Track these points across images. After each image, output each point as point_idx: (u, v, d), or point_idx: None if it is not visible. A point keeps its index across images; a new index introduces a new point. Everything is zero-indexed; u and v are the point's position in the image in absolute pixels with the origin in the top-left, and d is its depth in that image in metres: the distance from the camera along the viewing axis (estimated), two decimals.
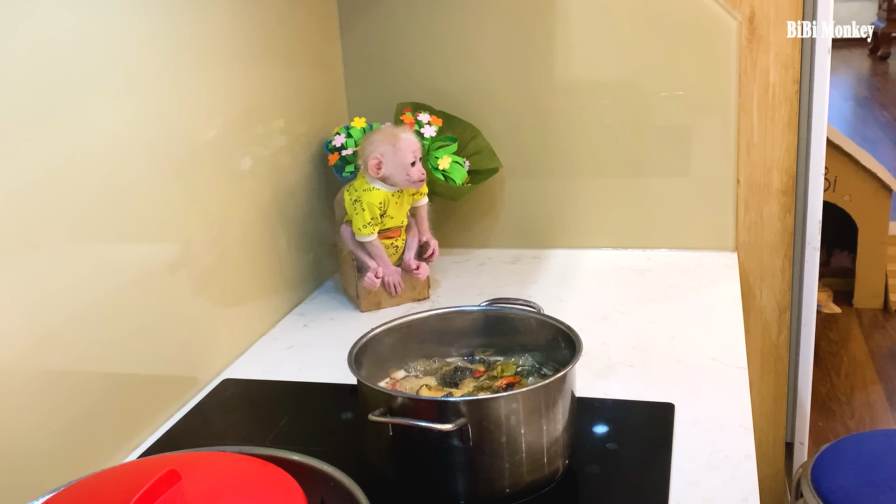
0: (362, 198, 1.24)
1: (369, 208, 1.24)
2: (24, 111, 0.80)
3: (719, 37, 1.35)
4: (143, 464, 0.68)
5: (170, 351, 1.03)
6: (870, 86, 6.70)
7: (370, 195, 1.24)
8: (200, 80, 1.08)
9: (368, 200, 1.24)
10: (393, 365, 0.93)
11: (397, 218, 1.28)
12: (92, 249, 0.90)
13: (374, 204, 1.24)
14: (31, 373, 0.81)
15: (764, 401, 1.53)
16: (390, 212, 1.26)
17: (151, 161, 0.99)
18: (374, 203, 1.24)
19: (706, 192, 1.43)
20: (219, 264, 1.13)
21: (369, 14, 1.48)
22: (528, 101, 1.46)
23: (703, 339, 1.13)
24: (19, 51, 0.79)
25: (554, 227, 1.52)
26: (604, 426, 0.94)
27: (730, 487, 0.81)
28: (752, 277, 1.47)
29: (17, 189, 0.79)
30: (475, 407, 0.75)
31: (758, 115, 1.39)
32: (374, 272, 1.27)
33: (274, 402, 1.07)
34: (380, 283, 1.28)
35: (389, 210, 1.26)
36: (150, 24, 0.98)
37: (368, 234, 1.25)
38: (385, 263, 1.28)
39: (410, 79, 1.48)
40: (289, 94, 1.32)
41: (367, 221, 1.24)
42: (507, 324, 0.94)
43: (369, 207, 1.24)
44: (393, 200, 1.26)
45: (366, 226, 1.24)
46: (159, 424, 1.00)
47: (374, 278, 1.27)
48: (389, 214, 1.26)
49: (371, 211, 1.24)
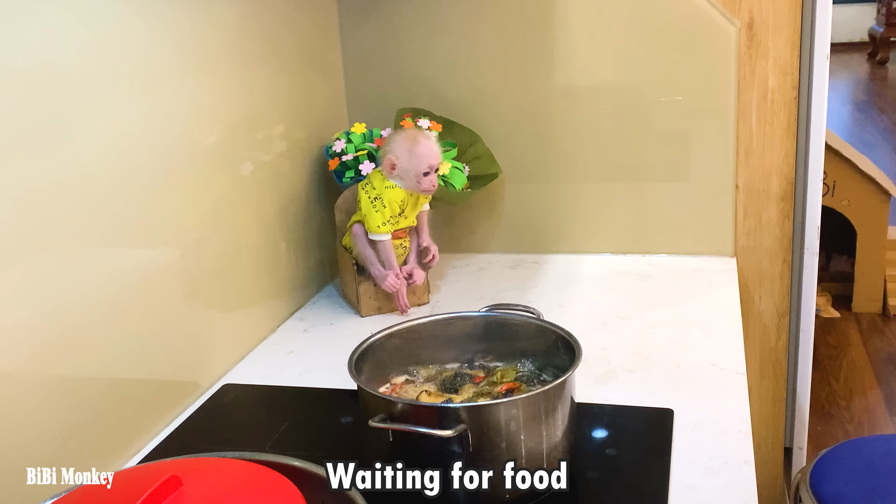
0: (383, 195, 1.24)
1: (390, 206, 1.24)
2: (25, 115, 0.80)
3: (718, 43, 1.36)
4: (143, 469, 0.68)
5: (170, 356, 1.03)
6: (868, 90, 6.71)
7: (392, 193, 1.24)
8: (201, 85, 1.09)
9: (390, 198, 1.24)
10: (393, 370, 0.93)
11: (410, 218, 1.28)
12: (93, 254, 0.90)
13: (395, 202, 1.24)
14: (31, 378, 0.82)
15: (763, 406, 1.53)
16: (406, 211, 1.26)
17: (153, 166, 0.99)
18: (395, 201, 1.24)
19: (705, 197, 1.44)
20: (219, 269, 1.13)
21: (369, 20, 1.48)
22: (527, 106, 1.46)
23: (702, 345, 1.13)
24: (21, 55, 0.79)
25: (553, 232, 1.52)
26: (603, 432, 0.95)
27: (729, 493, 0.81)
28: (751, 282, 1.47)
29: (18, 194, 0.79)
30: (475, 413, 0.76)
31: (757, 121, 1.39)
32: (394, 273, 1.26)
33: (274, 407, 1.07)
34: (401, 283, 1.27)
35: (407, 210, 1.26)
36: (151, 29, 0.99)
37: (384, 233, 1.25)
38: (393, 266, 1.27)
39: (410, 84, 1.49)
40: (289, 100, 1.32)
41: (386, 219, 1.24)
42: (507, 329, 0.94)
43: (390, 205, 1.24)
44: (411, 201, 1.26)
45: (383, 224, 1.24)
46: (160, 430, 1.00)
47: (396, 279, 1.26)
48: (405, 214, 1.26)
49: (392, 209, 1.24)
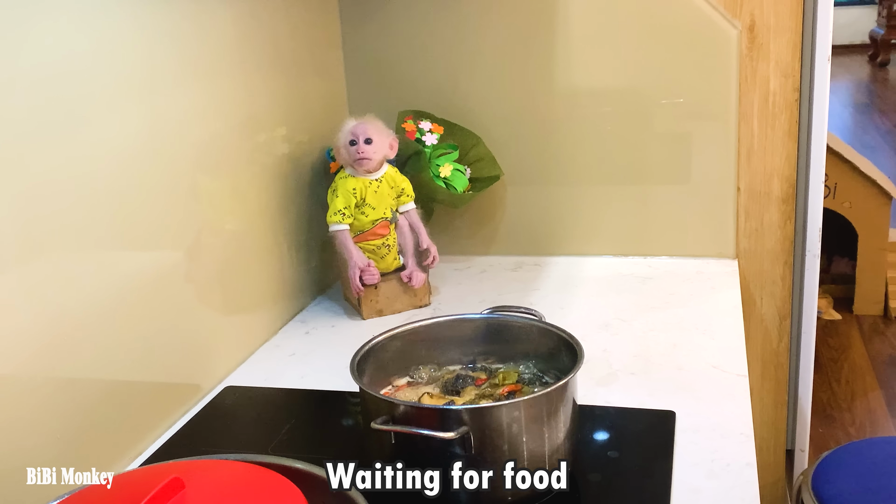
0: (337, 184, 1.26)
1: (343, 195, 1.24)
2: (28, 118, 0.80)
3: (719, 45, 1.36)
4: (146, 472, 0.68)
5: (172, 358, 1.03)
6: (869, 92, 6.71)
7: (344, 182, 1.25)
8: (203, 88, 1.09)
9: (343, 187, 1.25)
10: (395, 372, 0.93)
11: (379, 209, 1.27)
12: (94, 257, 0.90)
13: (347, 190, 1.24)
14: (34, 381, 0.82)
15: (764, 408, 1.53)
16: (368, 199, 1.26)
17: (154, 169, 0.99)
18: (347, 189, 1.24)
19: (707, 199, 1.44)
20: (221, 272, 1.13)
21: (371, 22, 1.48)
22: (529, 108, 1.46)
23: (703, 347, 1.13)
24: (23, 59, 0.80)
25: (555, 234, 1.52)
26: (605, 434, 0.95)
27: (731, 495, 0.81)
28: (752, 285, 1.47)
29: (21, 196, 0.79)
30: (477, 415, 0.76)
31: (758, 123, 1.39)
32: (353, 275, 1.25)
33: (276, 409, 1.07)
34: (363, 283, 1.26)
35: (368, 198, 1.26)
36: (153, 32, 0.99)
37: (338, 223, 1.25)
38: (353, 256, 1.25)
39: (412, 87, 1.49)
40: (291, 103, 1.32)
41: (339, 209, 1.24)
42: (509, 331, 0.94)
43: (343, 194, 1.24)
44: (371, 189, 1.26)
45: (336, 213, 1.24)
46: (162, 432, 1.00)
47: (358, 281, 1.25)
48: (369, 203, 1.26)
49: (345, 198, 1.24)
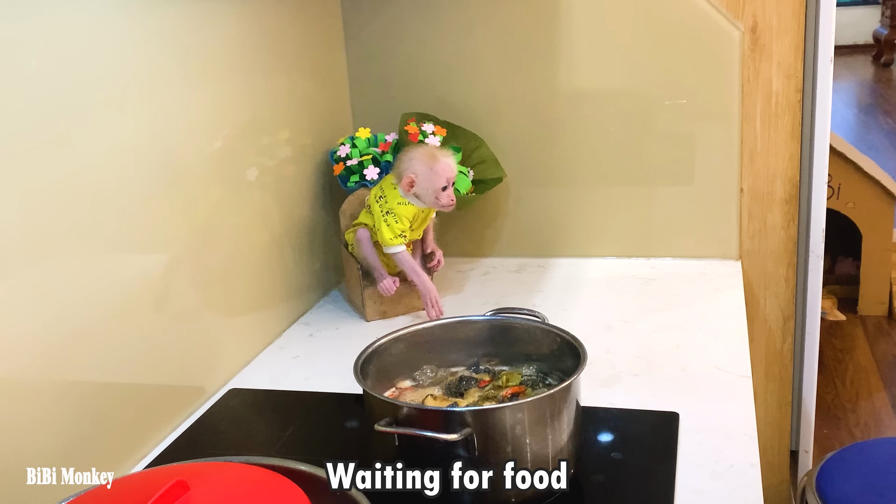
0: (396, 210, 1.24)
1: (402, 222, 1.24)
2: (30, 122, 0.80)
3: (722, 46, 1.36)
4: (150, 474, 0.68)
5: (176, 361, 1.03)
6: (873, 93, 6.69)
7: (404, 209, 1.24)
8: (206, 91, 1.09)
9: (402, 214, 1.24)
10: (398, 374, 0.93)
11: (418, 232, 1.29)
12: (98, 260, 0.90)
13: (406, 218, 1.24)
14: (37, 383, 0.82)
15: (769, 409, 1.53)
16: (415, 226, 1.27)
17: (159, 172, 0.99)
18: (407, 217, 1.24)
19: (710, 200, 1.44)
20: (224, 274, 1.14)
21: (374, 25, 1.49)
22: (532, 110, 1.46)
23: (707, 348, 1.13)
24: (25, 61, 0.80)
25: (558, 235, 1.52)
26: (609, 435, 0.95)
27: (735, 496, 0.81)
28: (756, 286, 1.47)
29: (24, 200, 0.80)
30: (480, 417, 0.76)
31: (761, 124, 1.39)
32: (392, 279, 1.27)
33: (280, 411, 1.07)
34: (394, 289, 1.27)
35: (415, 224, 1.27)
36: (156, 35, 0.99)
37: (398, 246, 1.25)
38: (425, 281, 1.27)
39: (415, 89, 1.49)
40: (294, 105, 1.32)
41: (398, 234, 1.24)
42: (512, 333, 0.94)
43: (402, 221, 1.24)
44: (421, 216, 1.27)
45: (395, 237, 1.24)
46: (166, 434, 1.00)
47: (392, 284, 1.27)
48: (414, 228, 1.27)
49: (403, 224, 1.24)
